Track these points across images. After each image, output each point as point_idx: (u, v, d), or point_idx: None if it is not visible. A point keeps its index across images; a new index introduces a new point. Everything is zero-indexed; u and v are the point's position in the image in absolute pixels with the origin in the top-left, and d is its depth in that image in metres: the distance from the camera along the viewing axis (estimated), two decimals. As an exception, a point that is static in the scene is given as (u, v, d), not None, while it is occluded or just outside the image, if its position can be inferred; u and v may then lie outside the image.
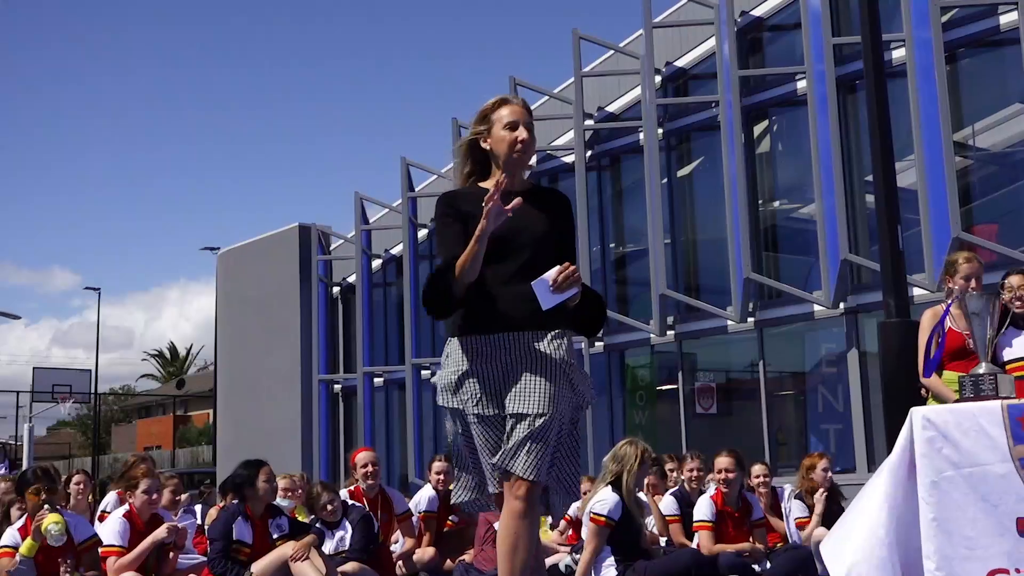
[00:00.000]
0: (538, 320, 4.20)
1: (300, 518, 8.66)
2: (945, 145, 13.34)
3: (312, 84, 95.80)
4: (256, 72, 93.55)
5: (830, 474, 9.26)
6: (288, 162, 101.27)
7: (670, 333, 17.08)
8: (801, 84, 15.63)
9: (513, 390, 4.19)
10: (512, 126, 4.36)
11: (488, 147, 4.44)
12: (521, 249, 4.28)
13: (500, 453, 4.15)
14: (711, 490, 8.59)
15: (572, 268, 4.13)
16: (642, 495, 8.36)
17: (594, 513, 7.47)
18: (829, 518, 8.45)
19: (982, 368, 4.54)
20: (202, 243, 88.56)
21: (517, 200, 4.13)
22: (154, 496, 7.32)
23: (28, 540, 6.82)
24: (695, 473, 9.14)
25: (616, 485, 7.53)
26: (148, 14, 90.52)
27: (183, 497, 9.88)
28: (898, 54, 14.38)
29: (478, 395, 4.22)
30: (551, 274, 4.09)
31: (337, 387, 23.20)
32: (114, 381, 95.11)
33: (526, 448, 4.11)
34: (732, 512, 8.44)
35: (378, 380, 22.16)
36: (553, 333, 4.25)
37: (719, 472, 8.46)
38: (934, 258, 13.28)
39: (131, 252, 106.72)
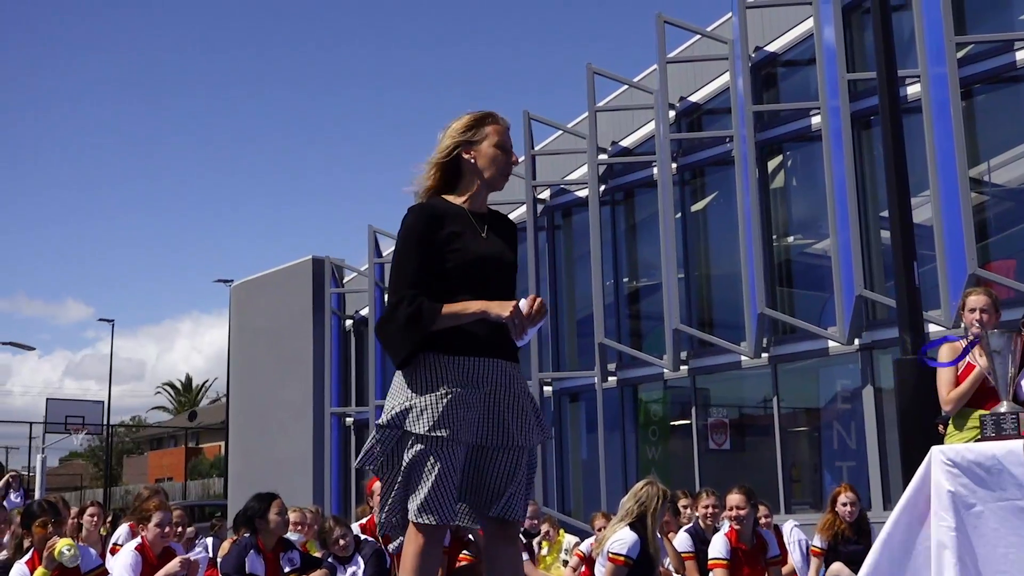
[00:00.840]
0: (512, 350, 4.04)
1: (312, 552, 8.61)
2: (961, 181, 13.30)
3: (326, 117, 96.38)
4: (270, 104, 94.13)
5: (849, 507, 9.17)
6: (302, 195, 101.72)
7: (683, 368, 17.02)
8: (816, 119, 15.63)
9: (498, 420, 3.98)
10: (503, 146, 4.15)
11: (470, 159, 4.16)
12: (497, 276, 4.07)
13: (507, 497, 3.98)
14: (725, 527, 8.52)
15: (541, 299, 3.89)
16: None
17: (613, 553, 7.40)
18: (851, 555, 8.42)
19: (1004, 407, 4.50)
20: (215, 275, 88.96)
21: (540, 303, 3.88)
22: (166, 529, 7.28)
23: (40, 570, 6.78)
24: (710, 510, 9.07)
25: (637, 526, 7.45)
26: (163, 46, 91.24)
27: (189, 530, 9.82)
28: (913, 90, 14.38)
29: (458, 420, 3.91)
30: (523, 305, 3.85)
31: (349, 420, 23.17)
32: (126, 413, 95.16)
33: (524, 490, 4.01)
34: (747, 549, 8.36)
35: (390, 413, 22.08)
36: (515, 364, 4.11)
37: (731, 510, 8.39)
38: (950, 294, 13.22)
39: (144, 284, 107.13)
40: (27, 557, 7.07)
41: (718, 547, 8.26)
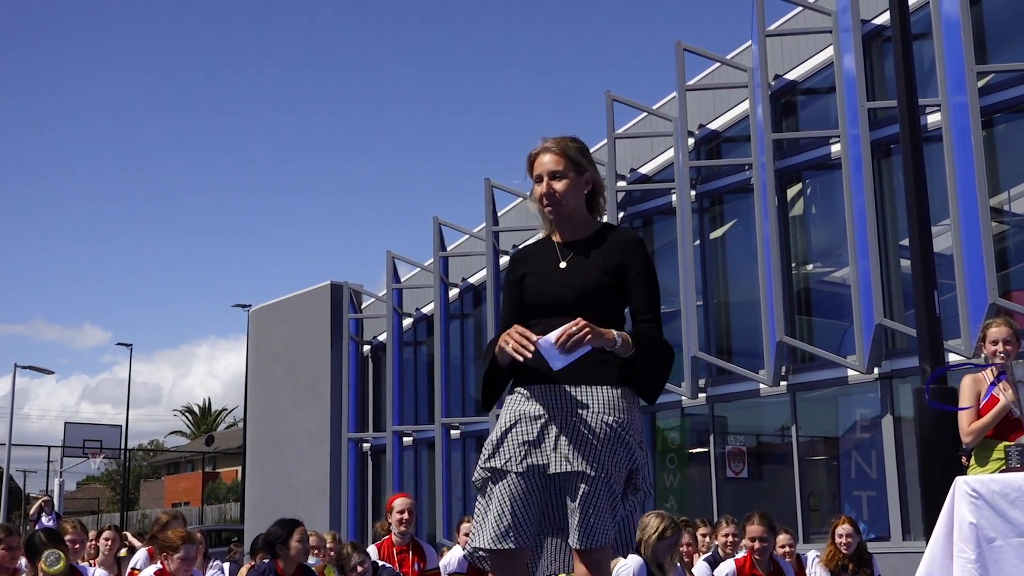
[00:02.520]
0: (579, 372, 3.91)
1: (329, 577, 8.59)
2: (981, 210, 13.27)
3: (346, 142, 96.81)
4: (290, 130, 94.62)
5: (846, 539, 9.10)
6: (320, 220, 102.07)
7: (701, 396, 16.97)
8: (835, 148, 15.63)
9: (553, 444, 3.91)
10: (538, 179, 4.10)
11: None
12: (567, 303, 3.99)
13: (570, 525, 3.89)
14: (740, 554, 8.45)
15: (580, 325, 3.77)
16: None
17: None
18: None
19: (1029, 438, 4.47)
20: (232, 300, 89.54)
21: (572, 334, 3.80)
22: (189, 564, 7.24)
23: None
24: (730, 539, 9.01)
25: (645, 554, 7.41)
26: (186, 67, 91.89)
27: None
28: (933, 119, 14.37)
29: (511, 450, 3.93)
30: (555, 334, 3.77)
31: (366, 445, 23.16)
32: (142, 437, 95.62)
33: (585, 516, 3.87)
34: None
35: (407, 439, 22.10)
36: (595, 387, 3.96)
37: (752, 540, 8.31)
38: (970, 324, 13.17)
39: (161, 309, 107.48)
40: None
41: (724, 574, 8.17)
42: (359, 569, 8.27)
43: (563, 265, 4.08)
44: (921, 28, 14.36)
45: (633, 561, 7.34)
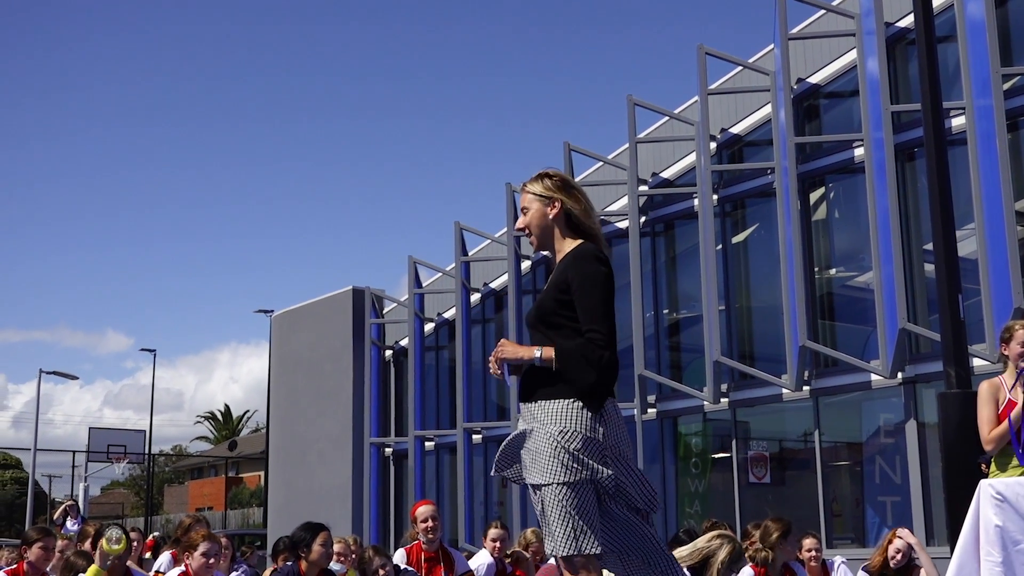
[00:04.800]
0: (527, 390, 4.34)
1: (352, 582, 8.58)
2: (1006, 214, 13.19)
3: (368, 147, 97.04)
4: (312, 135, 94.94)
5: (900, 555, 9.03)
6: (342, 226, 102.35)
7: (724, 400, 16.92)
8: (859, 151, 15.56)
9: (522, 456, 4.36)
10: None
11: None
12: (531, 323, 4.45)
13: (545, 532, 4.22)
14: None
15: (498, 346, 4.33)
16: None
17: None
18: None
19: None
20: (254, 306, 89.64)
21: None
22: (211, 560, 7.28)
23: (94, 567, 6.81)
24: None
25: (699, 570, 7.30)
26: (207, 72, 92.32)
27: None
28: (958, 122, 14.29)
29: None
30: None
31: (388, 450, 23.19)
32: (165, 442, 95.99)
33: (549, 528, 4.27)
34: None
35: (429, 444, 22.12)
36: (545, 402, 4.27)
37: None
38: (995, 328, 13.08)
39: (183, 315, 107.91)
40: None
41: None
42: (380, 572, 8.27)
43: (545, 287, 4.45)
44: (945, 30, 14.29)
45: None
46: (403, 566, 8.62)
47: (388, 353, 23.65)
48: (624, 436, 4.31)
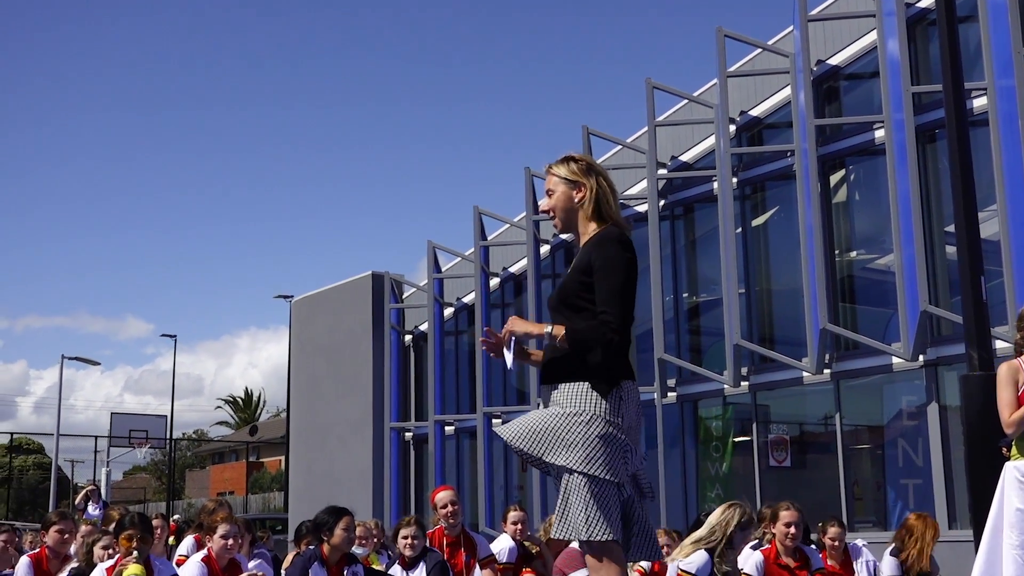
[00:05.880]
0: (544, 377, 4.43)
1: (375, 566, 8.62)
2: (1028, 195, 13.11)
3: (387, 132, 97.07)
4: (329, 121, 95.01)
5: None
6: (361, 211, 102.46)
7: (744, 384, 16.88)
8: (879, 133, 15.47)
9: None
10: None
11: None
12: (552, 304, 4.48)
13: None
14: (764, 544, 8.39)
15: (508, 323, 4.40)
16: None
17: (681, 569, 7.33)
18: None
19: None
20: (273, 291, 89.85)
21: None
22: (230, 542, 7.33)
23: (134, 567, 6.85)
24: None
25: (712, 548, 7.37)
26: (226, 57, 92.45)
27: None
28: (979, 103, 14.19)
29: None
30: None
31: (408, 435, 23.24)
32: (185, 427, 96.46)
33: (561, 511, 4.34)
34: (789, 565, 8.22)
35: (449, 428, 22.16)
36: (564, 384, 4.34)
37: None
38: (1017, 310, 12.98)
39: (202, 301, 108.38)
40: (109, 563, 7.12)
41: (751, 564, 8.11)
42: (413, 541, 8.23)
43: (568, 269, 4.48)
44: (966, 10, 14.18)
45: (700, 557, 7.32)
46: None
47: (408, 338, 23.68)
48: (639, 419, 4.36)
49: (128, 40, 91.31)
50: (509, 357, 4.32)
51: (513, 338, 4.32)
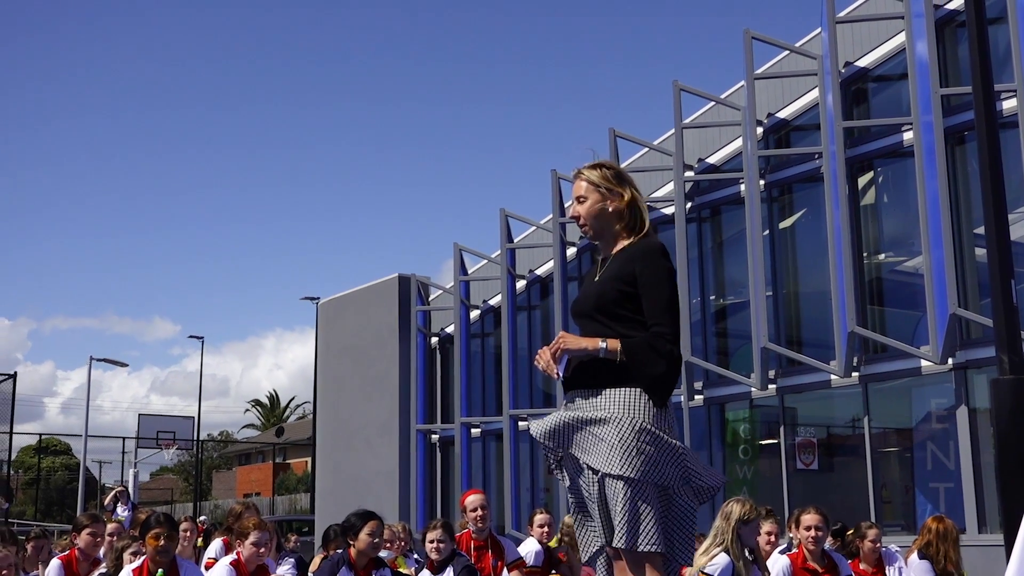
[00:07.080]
0: (579, 380, 4.36)
1: (401, 569, 8.63)
2: (1059, 197, 13.01)
3: (413, 134, 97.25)
4: (358, 122, 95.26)
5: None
6: (388, 213, 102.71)
7: (771, 387, 16.82)
8: (908, 135, 15.39)
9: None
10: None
11: None
12: (583, 312, 4.43)
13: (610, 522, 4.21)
14: (792, 548, 8.35)
15: (557, 338, 4.29)
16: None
17: (704, 572, 7.33)
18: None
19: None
20: (299, 293, 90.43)
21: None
22: (262, 549, 7.34)
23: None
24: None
25: (729, 548, 7.36)
26: (259, 58, 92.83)
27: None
28: (1009, 104, 14.10)
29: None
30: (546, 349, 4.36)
31: (435, 437, 23.27)
32: (212, 428, 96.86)
33: (616, 517, 4.27)
34: (817, 570, 8.18)
35: (475, 431, 22.17)
36: (604, 390, 4.31)
37: (808, 530, 8.24)
38: (1048, 313, 12.88)
39: (229, 302, 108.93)
40: (136, 564, 7.15)
41: (778, 569, 8.08)
42: (440, 545, 8.22)
43: (597, 278, 4.44)
44: (996, 12, 14.09)
45: (722, 560, 7.32)
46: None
47: (434, 340, 23.71)
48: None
49: (154, 34, 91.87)
50: (560, 371, 4.29)
51: (566, 356, 4.27)
